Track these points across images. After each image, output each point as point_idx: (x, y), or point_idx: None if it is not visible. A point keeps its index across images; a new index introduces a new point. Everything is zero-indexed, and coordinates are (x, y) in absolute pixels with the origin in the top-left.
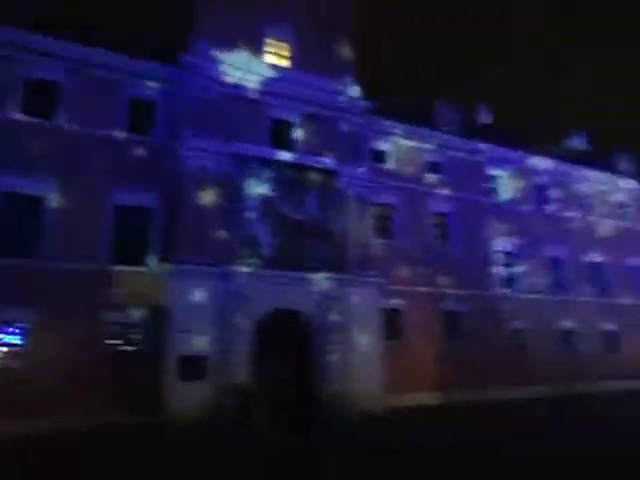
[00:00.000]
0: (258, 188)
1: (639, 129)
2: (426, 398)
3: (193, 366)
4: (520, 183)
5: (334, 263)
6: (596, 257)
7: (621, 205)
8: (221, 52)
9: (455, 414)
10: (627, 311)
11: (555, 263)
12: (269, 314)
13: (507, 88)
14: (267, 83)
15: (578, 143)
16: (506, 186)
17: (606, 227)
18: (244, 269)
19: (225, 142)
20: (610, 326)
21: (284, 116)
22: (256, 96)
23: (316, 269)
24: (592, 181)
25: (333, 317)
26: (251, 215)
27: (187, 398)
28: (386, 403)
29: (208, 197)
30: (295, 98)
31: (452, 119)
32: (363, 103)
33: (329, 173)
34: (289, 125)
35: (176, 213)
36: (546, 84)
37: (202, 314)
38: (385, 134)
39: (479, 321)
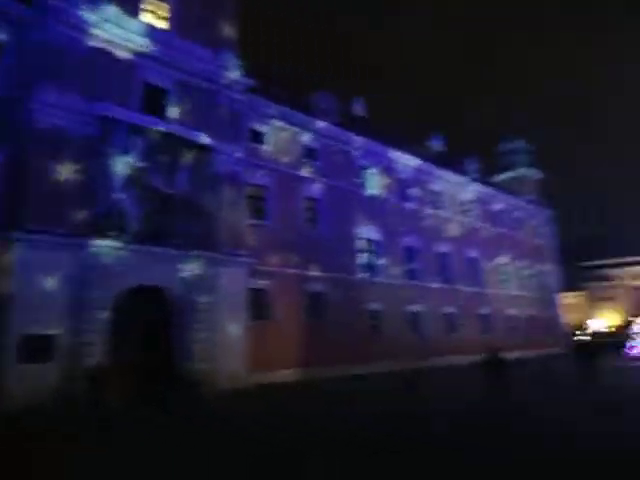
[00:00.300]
0: (126, 157)
1: (486, 138)
2: (290, 375)
3: (37, 346)
4: (386, 177)
5: (204, 241)
6: (443, 248)
7: (467, 204)
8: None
9: (312, 390)
10: (464, 296)
11: (410, 252)
12: (131, 291)
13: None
14: (142, 44)
15: (436, 145)
16: (374, 179)
17: (453, 223)
18: (105, 242)
19: (88, 102)
20: (451, 309)
21: (159, 82)
22: (128, 56)
23: (184, 246)
24: (445, 181)
25: (200, 296)
26: (116, 185)
27: (28, 381)
28: (251, 380)
29: (64, 162)
30: (172, 64)
31: (329, 108)
32: (244, 81)
33: (204, 148)
34: (163, 92)
35: (24, 177)
36: (415, 85)
37: (52, 289)
38: (264, 116)
39: (341, 303)
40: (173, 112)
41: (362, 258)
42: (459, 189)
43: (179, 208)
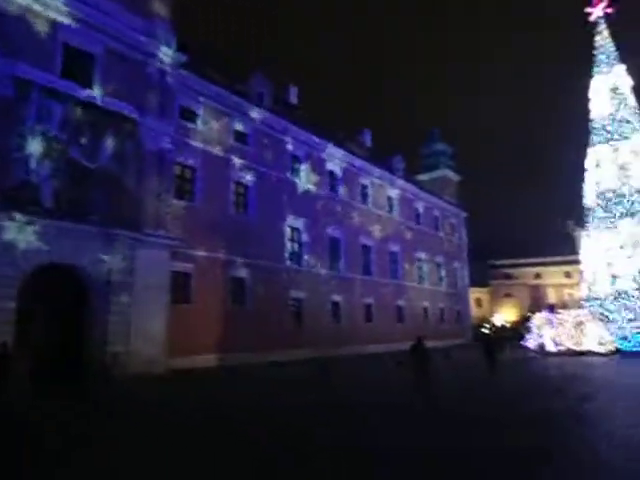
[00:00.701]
0: (42, 124)
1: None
2: (211, 360)
3: None
4: (317, 169)
5: (124, 220)
6: (367, 242)
7: (391, 200)
8: None
9: (227, 377)
10: (383, 288)
11: (335, 244)
12: (42, 269)
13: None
14: (65, 2)
15: (365, 140)
16: (305, 170)
17: (378, 218)
18: (15, 215)
19: (2, 60)
20: (370, 300)
21: (84, 46)
22: (47, 14)
23: (103, 224)
24: (373, 176)
25: (118, 276)
26: (31, 154)
27: None
28: (169, 365)
29: None
30: (99, 28)
31: (265, 94)
32: (177, 56)
33: (129, 122)
34: (88, 58)
35: None
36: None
37: None
38: (196, 94)
39: (265, 290)
40: (98, 80)
41: (288, 247)
42: (386, 186)
43: (99, 183)
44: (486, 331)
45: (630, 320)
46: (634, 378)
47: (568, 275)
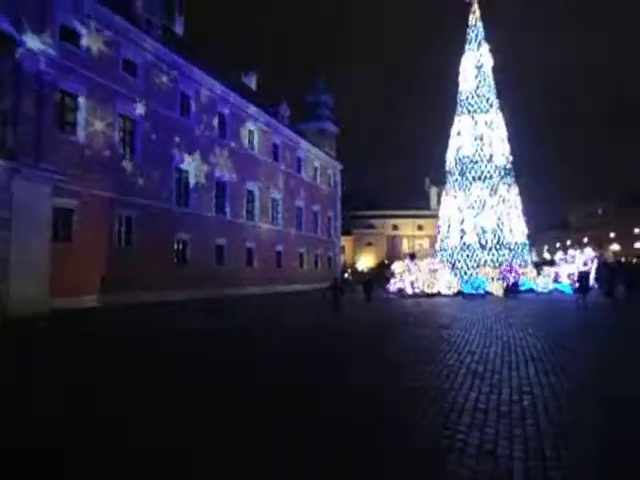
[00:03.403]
0: None
1: (298, 85)
2: (93, 301)
3: None
4: (206, 109)
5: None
6: (251, 187)
7: (276, 146)
8: None
9: (107, 316)
10: (264, 233)
11: (222, 186)
12: None
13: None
14: None
15: (251, 81)
16: (195, 108)
17: (263, 163)
18: None
19: None
20: (251, 244)
21: None
22: None
23: None
24: (260, 121)
25: None
26: None
27: None
28: (51, 306)
29: None
30: None
31: (153, 22)
32: None
33: (5, 39)
34: None
35: None
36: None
37: None
38: (81, 13)
39: (150, 230)
40: None
41: (176, 189)
42: (271, 133)
43: None
44: (348, 276)
45: (471, 268)
46: (475, 313)
47: (420, 227)
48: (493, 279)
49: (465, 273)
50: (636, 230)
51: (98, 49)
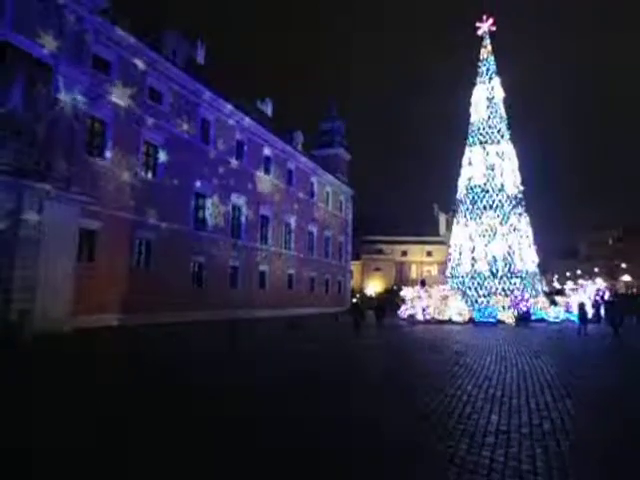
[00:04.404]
0: None
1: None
2: (113, 320)
3: None
4: (226, 134)
5: (31, 169)
6: (265, 211)
7: (290, 172)
8: None
9: (124, 336)
10: (277, 257)
11: (236, 210)
12: None
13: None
14: None
15: (266, 109)
16: (214, 134)
17: (277, 189)
18: None
19: None
20: (264, 267)
21: None
22: None
23: (8, 173)
24: (273, 146)
25: (23, 230)
26: None
27: None
28: (74, 324)
29: None
30: None
31: (178, 52)
32: (97, 0)
33: (43, 66)
34: None
35: None
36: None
37: None
38: (113, 42)
39: (169, 251)
40: (7, 13)
41: (194, 212)
42: (286, 158)
43: (5, 129)
44: (356, 300)
45: (482, 296)
46: (488, 340)
47: (429, 254)
48: (504, 307)
49: (476, 301)
50: None
51: (127, 78)
